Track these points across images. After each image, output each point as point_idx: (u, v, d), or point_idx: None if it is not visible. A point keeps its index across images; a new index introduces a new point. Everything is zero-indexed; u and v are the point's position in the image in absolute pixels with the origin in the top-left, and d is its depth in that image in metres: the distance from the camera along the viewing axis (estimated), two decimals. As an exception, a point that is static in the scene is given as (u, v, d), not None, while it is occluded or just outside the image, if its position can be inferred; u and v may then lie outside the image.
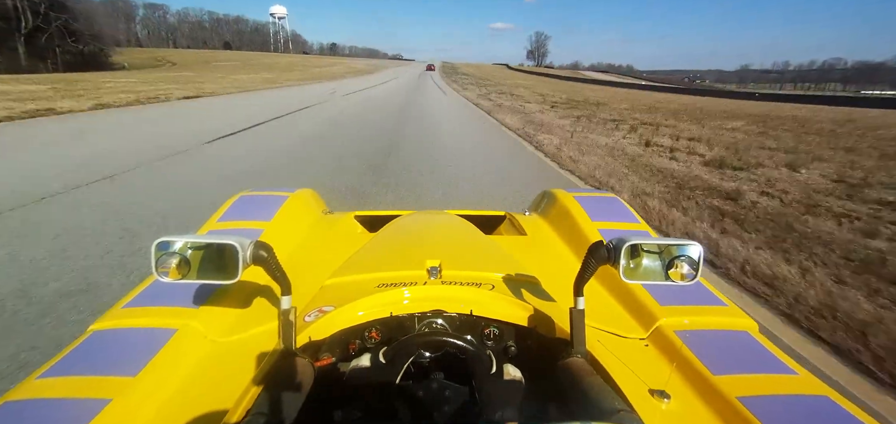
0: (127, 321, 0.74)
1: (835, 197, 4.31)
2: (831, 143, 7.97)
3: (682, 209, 3.85)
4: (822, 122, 11.96)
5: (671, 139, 7.95)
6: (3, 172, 4.58)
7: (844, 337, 1.95)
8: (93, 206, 3.51)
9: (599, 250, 0.62)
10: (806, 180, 5.08)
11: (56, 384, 0.60)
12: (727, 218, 3.60)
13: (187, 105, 12.17)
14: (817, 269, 2.61)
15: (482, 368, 0.60)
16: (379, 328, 0.72)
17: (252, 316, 0.79)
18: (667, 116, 12.62)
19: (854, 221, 3.55)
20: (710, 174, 5.26)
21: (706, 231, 3.27)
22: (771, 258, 2.73)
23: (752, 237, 3.15)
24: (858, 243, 3.03)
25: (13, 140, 6.42)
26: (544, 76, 56.17)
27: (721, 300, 0.85)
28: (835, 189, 4.62)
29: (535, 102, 15.86)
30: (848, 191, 4.53)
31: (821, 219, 3.60)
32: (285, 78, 28.03)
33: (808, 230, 3.30)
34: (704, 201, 4.13)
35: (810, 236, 3.18)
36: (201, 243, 0.59)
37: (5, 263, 2.50)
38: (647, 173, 5.31)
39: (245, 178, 4.56)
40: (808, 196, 4.30)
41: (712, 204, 4.01)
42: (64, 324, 1.94)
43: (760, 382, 0.63)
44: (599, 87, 36.39)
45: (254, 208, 1.23)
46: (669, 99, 22.88)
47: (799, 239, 3.12)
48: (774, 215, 3.66)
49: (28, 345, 1.80)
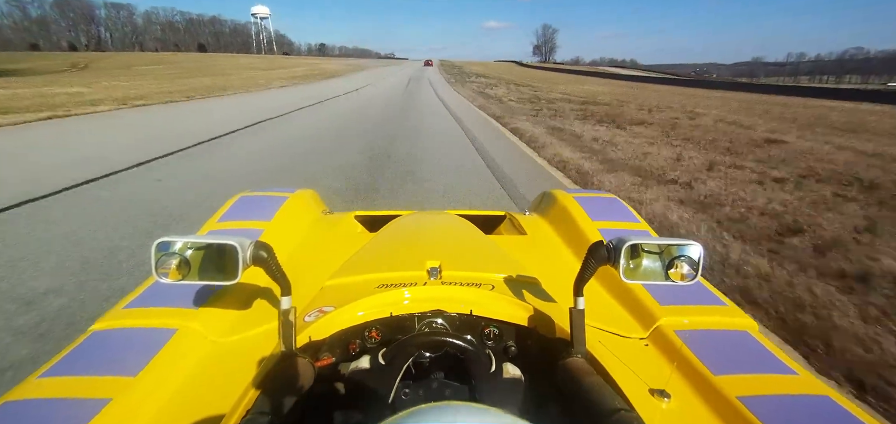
0: (127, 322, 0.75)
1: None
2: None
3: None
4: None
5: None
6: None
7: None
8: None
9: (599, 250, 0.63)
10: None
11: (56, 384, 0.60)
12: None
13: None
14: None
15: (482, 368, 0.60)
16: (379, 329, 0.72)
17: (252, 317, 0.79)
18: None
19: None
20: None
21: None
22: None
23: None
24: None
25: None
26: (566, 72, 51.82)
27: (721, 300, 0.85)
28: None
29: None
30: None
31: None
32: (224, 85, 18.34)
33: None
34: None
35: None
36: (201, 243, 0.59)
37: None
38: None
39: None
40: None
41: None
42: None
43: (760, 382, 0.63)
44: (660, 86, 28.65)
45: (254, 209, 1.24)
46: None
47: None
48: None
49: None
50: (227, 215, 1.21)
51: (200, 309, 0.77)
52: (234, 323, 0.78)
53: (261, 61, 57.74)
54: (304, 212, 1.33)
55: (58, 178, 4.27)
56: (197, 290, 0.81)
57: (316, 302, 0.78)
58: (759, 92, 23.49)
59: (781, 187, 4.37)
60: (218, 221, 1.18)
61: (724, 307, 0.83)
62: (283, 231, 1.15)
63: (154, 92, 14.51)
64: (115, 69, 35.00)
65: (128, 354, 0.66)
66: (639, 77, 41.80)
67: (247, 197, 1.32)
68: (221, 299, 0.81)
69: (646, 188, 4.33)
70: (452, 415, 0.29)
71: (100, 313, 0.80)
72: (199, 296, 0.80)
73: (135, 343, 0.69)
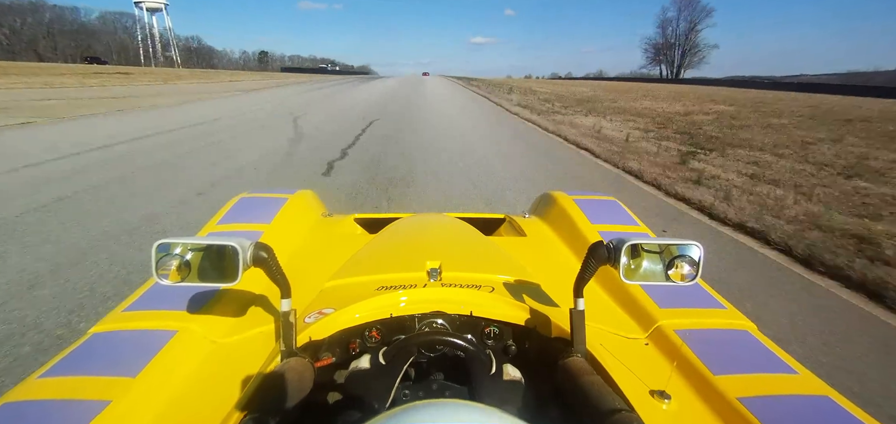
0: (127, 324, 0.75)
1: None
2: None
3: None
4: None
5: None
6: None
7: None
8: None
9: (599, 250, 0.62)
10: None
11: (56, 384, 0.60)
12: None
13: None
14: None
15: (482, 368, 0.60)
16: (379, 329, 0.72)
17: (252, 318, 0.79)
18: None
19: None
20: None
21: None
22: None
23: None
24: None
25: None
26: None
27: (720, 302, 0.85)
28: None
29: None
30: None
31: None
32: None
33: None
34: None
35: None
36: (201, 245, 0.59)
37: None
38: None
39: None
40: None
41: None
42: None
43: (761, 382, 0.62)
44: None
45: (253, 210, 1.23)
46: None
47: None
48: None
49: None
50: (226, 217, 1.21)
51: (200, 310, 0.78)
52: (234, 325, 0.78)
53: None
54: (303, 213, 1.33)
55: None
56: (197, 292, 0.81)
57: (316, 304, 0.78)
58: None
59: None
60: (217, 223, 1.18)
61: (724, 310, 0.83)
62: (283, 233, 1.15)
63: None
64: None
65: (128, 355, 0.66)
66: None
67: (246, 199, 1.32)
68: (221, 300, 0.81)
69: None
70: (452, 413, 0.29)
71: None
72: (200, 298, 0.80)
73: (135, 345, 0.69)
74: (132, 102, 12.56)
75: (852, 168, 5.77)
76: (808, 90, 32.93)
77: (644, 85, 44.87)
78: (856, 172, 5.57)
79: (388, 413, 0.29)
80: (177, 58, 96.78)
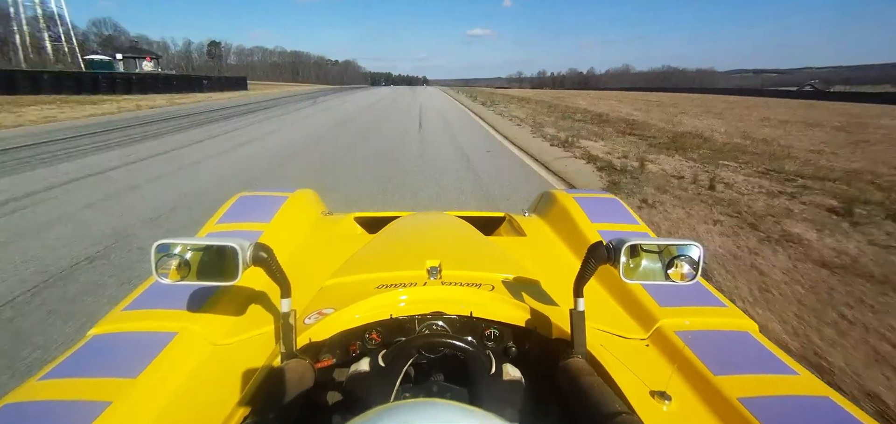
0: (127, 325, 0.75)
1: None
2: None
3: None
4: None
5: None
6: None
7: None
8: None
9: (599, 250, 0.62)
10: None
11: (56, 386, 0.60)
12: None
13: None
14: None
15: (482, 369, 0.60)
16: (379, 330, 0.71)
17: (252, 318, 0.79)
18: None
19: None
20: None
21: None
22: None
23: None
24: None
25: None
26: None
27: (721, 301, 0.85)
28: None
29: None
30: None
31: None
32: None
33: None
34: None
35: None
36: (201, 244, 0.59)
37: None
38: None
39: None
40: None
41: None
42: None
43: (761, 382, 0.62)
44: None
45: (253, 210, 1.23)
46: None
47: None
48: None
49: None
50: (225, 217, 1.20)
51: (200, 311, 0.77)
52: (234, 324, 0.78)
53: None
54: (303, 212, 1.33)
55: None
56: (197, 292, 0.81)
57: (315, 304, 0.78)
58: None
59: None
60: (217, 222, 1.17)
61: (724, 309, 0.82)
62: (283, 232, 1.14)
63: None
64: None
65: (128, 356, 0.66)
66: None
67: (246, 198, 1.31)
68: (221, 300, 0.81)
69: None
70: (429, 412, 0.29)
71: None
72: (199, 298, 0.80)
73: (135, 346, 0.69)
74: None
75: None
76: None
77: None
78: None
79: (368, 414, 0.29)
80: (78, 57, 58.58)
